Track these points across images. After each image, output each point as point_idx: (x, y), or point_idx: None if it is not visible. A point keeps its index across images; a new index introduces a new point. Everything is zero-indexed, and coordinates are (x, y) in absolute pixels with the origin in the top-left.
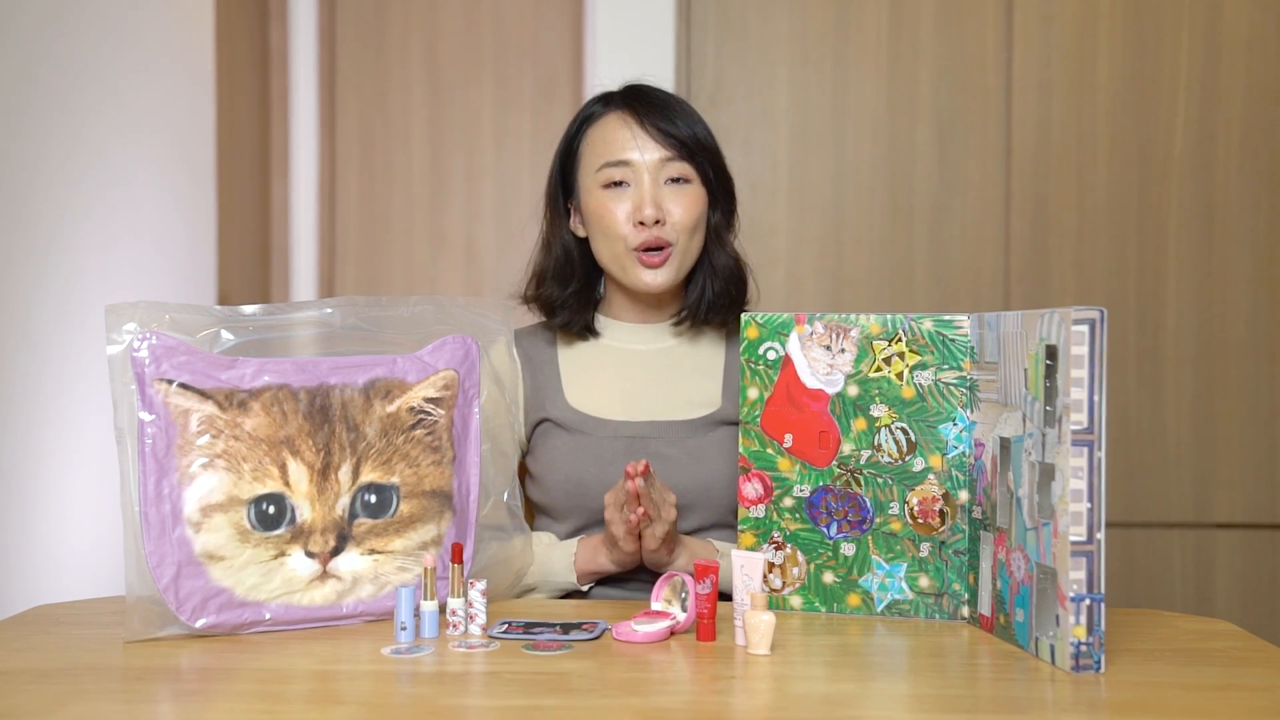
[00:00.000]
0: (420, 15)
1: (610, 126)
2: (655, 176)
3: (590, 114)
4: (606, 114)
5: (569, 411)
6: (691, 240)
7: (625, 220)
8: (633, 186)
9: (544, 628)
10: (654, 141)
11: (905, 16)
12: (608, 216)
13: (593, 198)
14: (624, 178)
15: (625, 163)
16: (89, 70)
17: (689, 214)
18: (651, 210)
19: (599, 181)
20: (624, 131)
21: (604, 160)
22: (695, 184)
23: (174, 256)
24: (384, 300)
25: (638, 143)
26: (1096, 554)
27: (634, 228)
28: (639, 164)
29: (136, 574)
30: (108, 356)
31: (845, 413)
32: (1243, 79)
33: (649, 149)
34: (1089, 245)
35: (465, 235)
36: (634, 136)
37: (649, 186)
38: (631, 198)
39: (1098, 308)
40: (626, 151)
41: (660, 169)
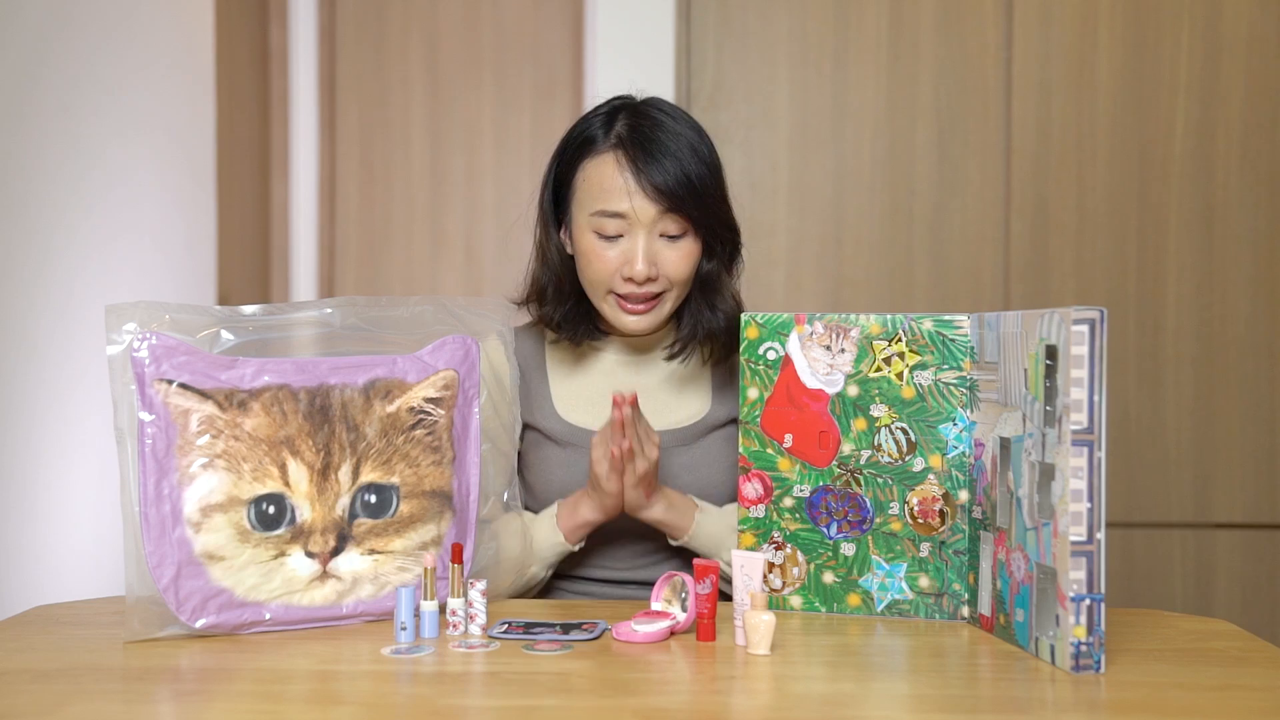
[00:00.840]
0: (420, 15)
1: (606, 171)
2: (650, 231)
3: (589, 141)
4: (604, 153)
5: (558, 423)
6: (682, 289)
7: (613, 271)
8: (626, 239)
9: (544, 628)
10: (646, 196)
11: (905, 16)
12: (596, 263)
13: (585, 238)
14: (618, 230)
15: (619, 215)
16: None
17: (680, 269)
18: (644, 268)
19: (591, 226)
20: (619, 180)
21: (598, 207)
22: (689, 236)
23: (174, 256)
24: (384, 300)
25: (632, 196)
26: (1096, 554)
27: (622, 280)
28: (633, 218)
29: (136, 574)
30: (108, 356)
31: (845, 413)
32: (1243, 79)
33: (644, 204)
34: (1089, 245)
35: (465, 235)
36: (626, 187)
37: (644, 242)
38: (623, 250)
39: (1098, 308)
40: (621, 203)
41: (656, 224)
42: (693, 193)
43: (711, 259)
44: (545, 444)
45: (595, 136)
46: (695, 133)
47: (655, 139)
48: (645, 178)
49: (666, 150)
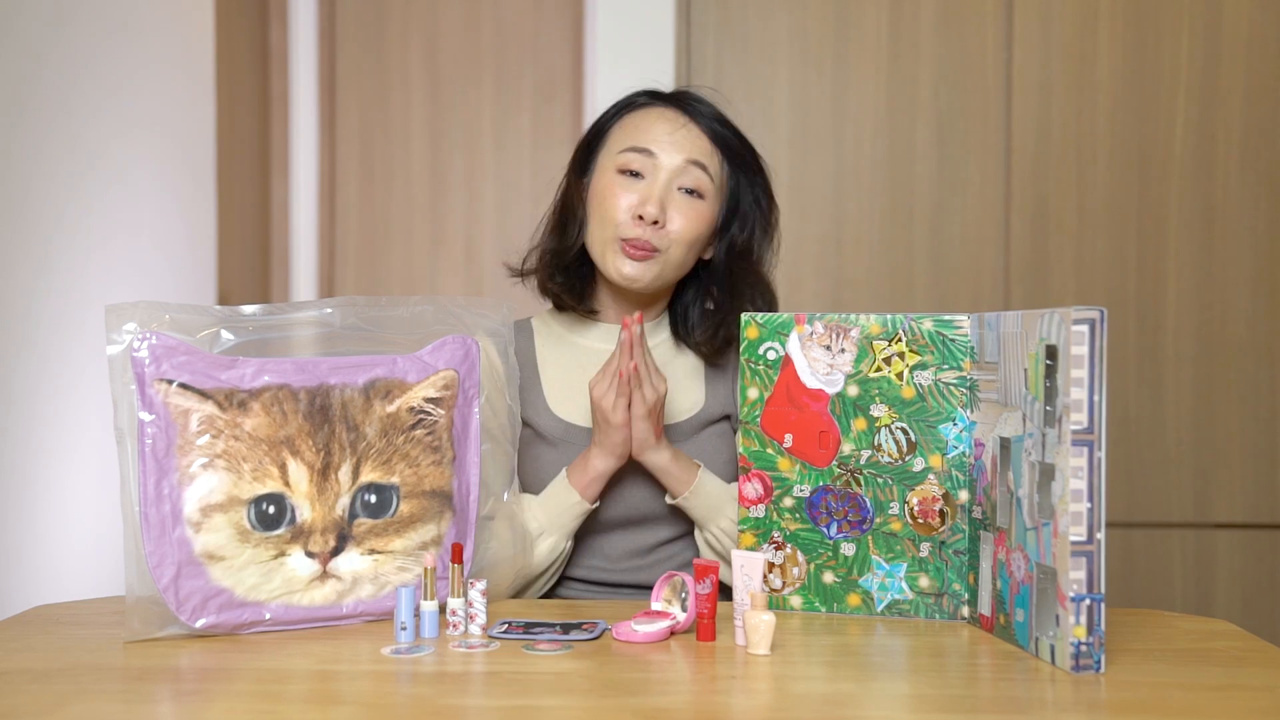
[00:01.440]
0: (420, 15)
1: (649, 117)
2: (671, 179)
3: (633, 102)
4: (649, 107)
5: (552, 420)
6: (684, 253)
7: (625, 210)
8: (646, 180)
9: (544, 628)
10: (690, 138)
11: (905, 16)
12: (610, 201)
13: (605, 177)
14: (641, 168)
15: (649, 153)
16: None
17: (689, 226)
18: (654, 209)
19: (616, 164)
20: (660, 124)
21: (629, 143)
22: (708, 200)
23: (174, 256)
24: (384, 300)
25: (670, 137)
26: (1096, 554)
27: (632, 220)
28: (660, 160)
29: (136, 574)
30: (108, 356)
31: (845, 413)
32: (1243, 79)
33: (678, 147)
34: (1089, 245)
35: (465, 235)
36: (668, 129)
37: (661, 185)
38: (640, 190)
39: (1098, 308)
40: (654, 141)
41: (679, 172)
42: (728, 149)
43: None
44: (538, 442)
45: (641, 99)
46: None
47: (703, 101)
48: (691, 123)
49: (711, 110)
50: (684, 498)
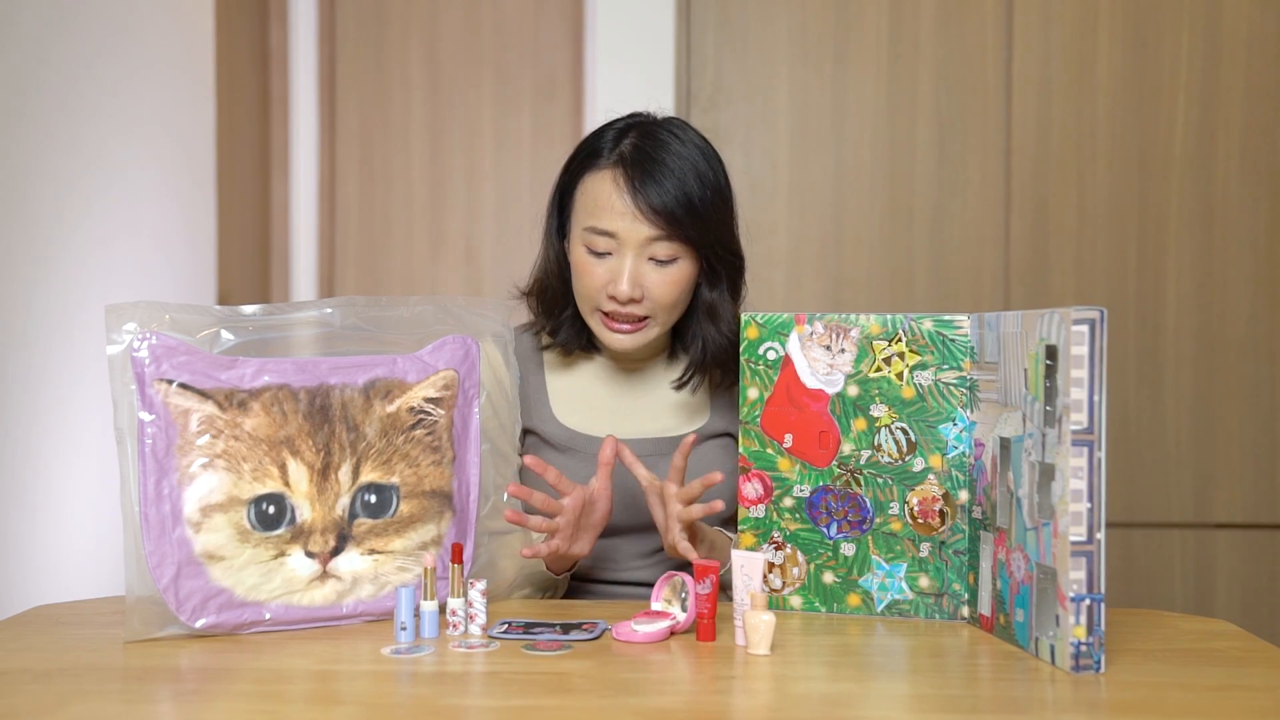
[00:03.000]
0: (420, 15)
1: (603, 188)
2: (639, 253)
3: (594, 155)
4: (604, 169)
5: (558, 428)
6: (671, 314)
7: (600, 288)
8: (614, 258)
9: (544, 628)
10: (640, 216)
11: (905, 16)
12: (585, 278)
13: (576, 251)
14: (608, 248)
15: (609, 234)
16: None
17: (666, 294)
18: (627, 288)
19: (583, 241)
20: (614, 199)
21: (590, 223)
22: (683, 261)
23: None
24: (384, 300)
25: (626, 215)
26: (1096, 554)
27: (607, 298)
28: (623, 238)
29: (136, 574)
30: (108, 356)
31: (845, 413)
32: (1243, 79)
33: (637, 224)
34: (1089, 245)
35: (465, 235)
36: (622, 205)
37: (630, 263)
38: (610, 268)
39: (1098, 308)
40: (611, 222)
41: (645, 247)
42: (691, 214)
43: (715, 286)
44: (543, 449)
45: (601, 150)
46: (703, 157)
47: (657, 159)
48: (641, 198)
49: (667, 171)
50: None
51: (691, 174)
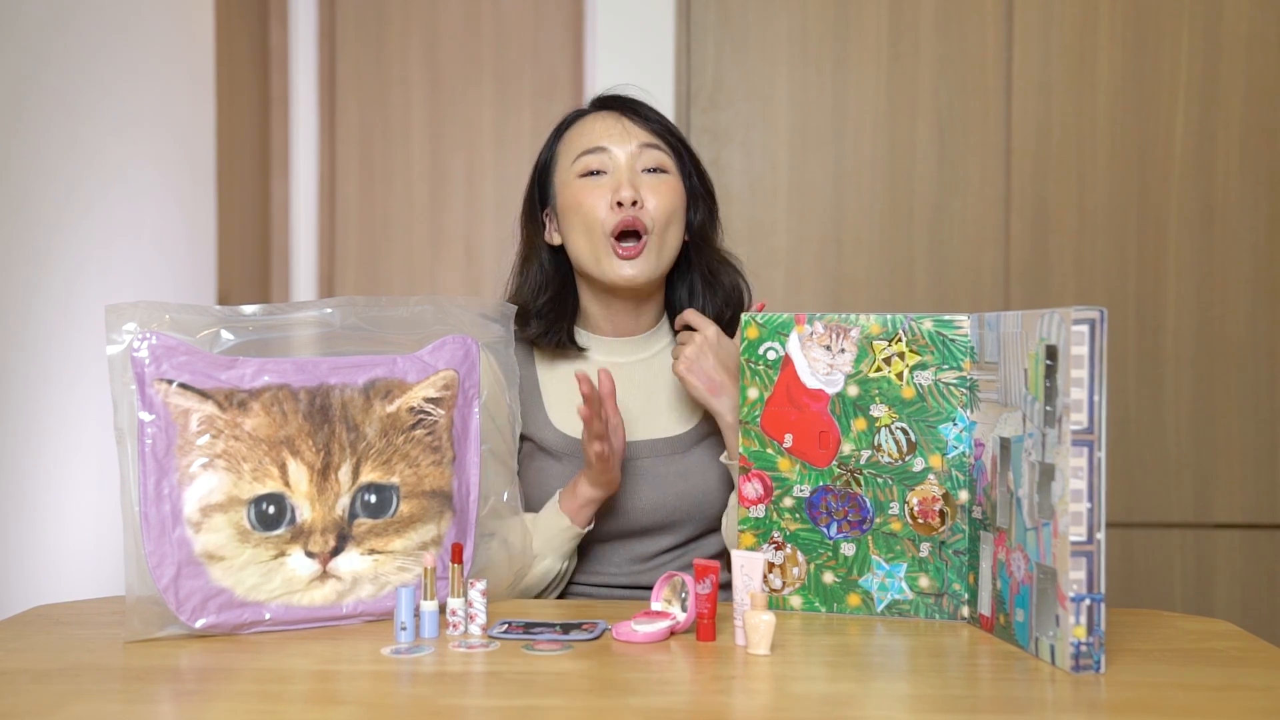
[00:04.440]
0: (420, 15)
1: (588, 122)
2: (632, 164)
3: (566, 121)
4: (585, 115)
5: (554, 434)
6: (668, 232)
7: (602, 205)
8: (610, 174)
9: (544, 628)
10: (633, 128)
11: (905, 16)
12: (584, 203)
13: (569, 189)
14: (601, 165)
15: (603, 149)
16: (89, 70)
17: (665, 202)
18: (629, 191)
19: (575, 172)
20: (602, 123)
21: (581, 149)
22: (672, 175)
23: (174, 256)
24: (384, 300)
25: (617, 130)
26: (1096, 554)
27: (611, 210)
28: (616, 152)
29: (136, 574)
30: (108, 356)
31: (845, 413)
32: (1243, 79)
33: (628, 135)
34: (1089, 245)
35: (465, 235)
36: (613, 125)
37: (626, 171)
38: (609, 184)
39: (1098, 308)
40: (604, 139)
41: (637, 156)
42: (672, 133)
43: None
44: (540, 456)
45: (571, 117)
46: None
47: (635, 99)
48: (626, 116)
49: (644, 105)
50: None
51: (665, 120)
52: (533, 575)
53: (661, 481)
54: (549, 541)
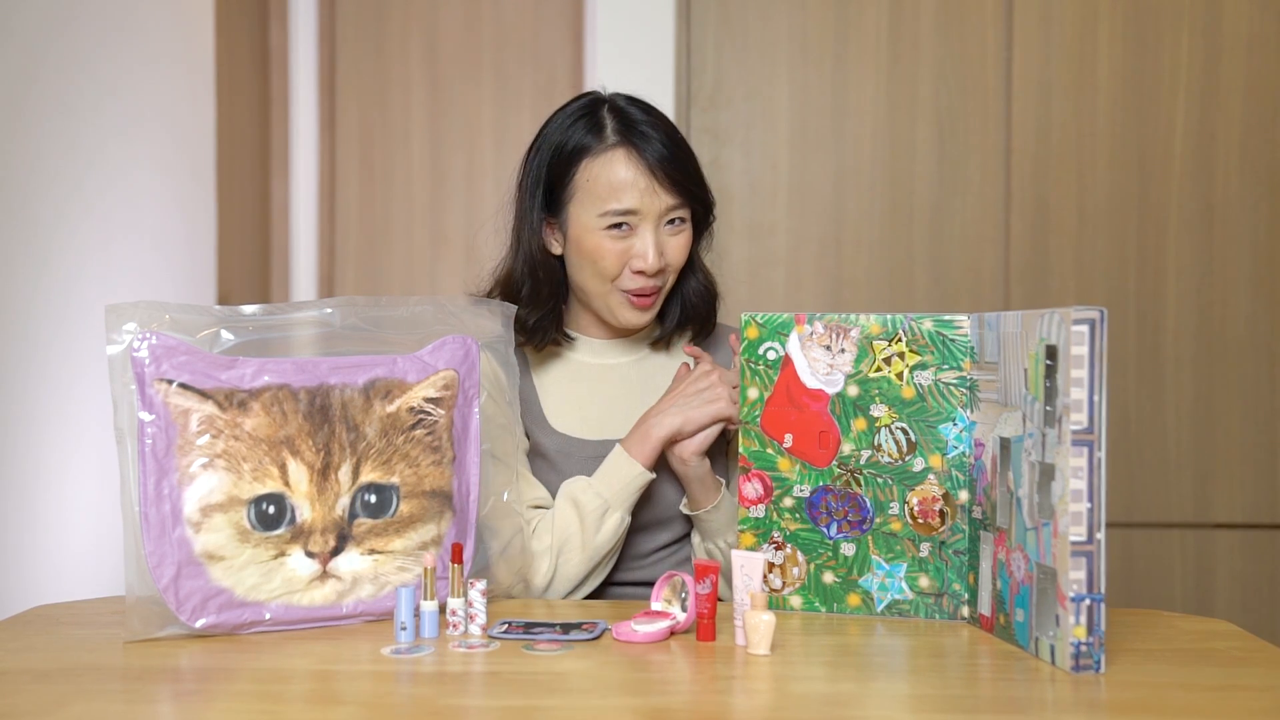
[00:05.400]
0: (420, 15)
1: (617, 168)
2: (659, 223)
3: (584, 145)
4: (608, 150)
5: (552, 435)
6: (676, 274)
7: (622, 265)
8: (636, 233)
9: (544, 628)
10: (663, 192)
11: (905, 16)
12: (606, 259)
13: (591, 237)
14: (628, 223)
15: (634, 211)
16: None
17: (682, 256)
18: (655, 260)
19: (601, 224)
20: (629, 174)
21: (610, 207)
22: (688, 224)
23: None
24: (384, 300)
25: (647, 194)
26: (1096, 554)
27: (631, 274)
28: (645, 212)
29: (136, 574)
30: (108, 356)
31: (845, 413)
32: (1243, 79)
33: (656, 200)
34: (1089, 245)
35: (465, 235)
36: (642, 184)
37: (653, 236)
38: (634, 244)
39: (1098, 308)
40: (635, 200)
41: (663, 215)
42: (692, 173)
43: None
44: (535, 459)
45: (588, 138)
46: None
47: (651, 133)
48: (659, 170)
49: (663, 136)
50: (707, 510)
51: (671, 131)
52: (604, 532)
53: (657, 479)
54: (620, 492)
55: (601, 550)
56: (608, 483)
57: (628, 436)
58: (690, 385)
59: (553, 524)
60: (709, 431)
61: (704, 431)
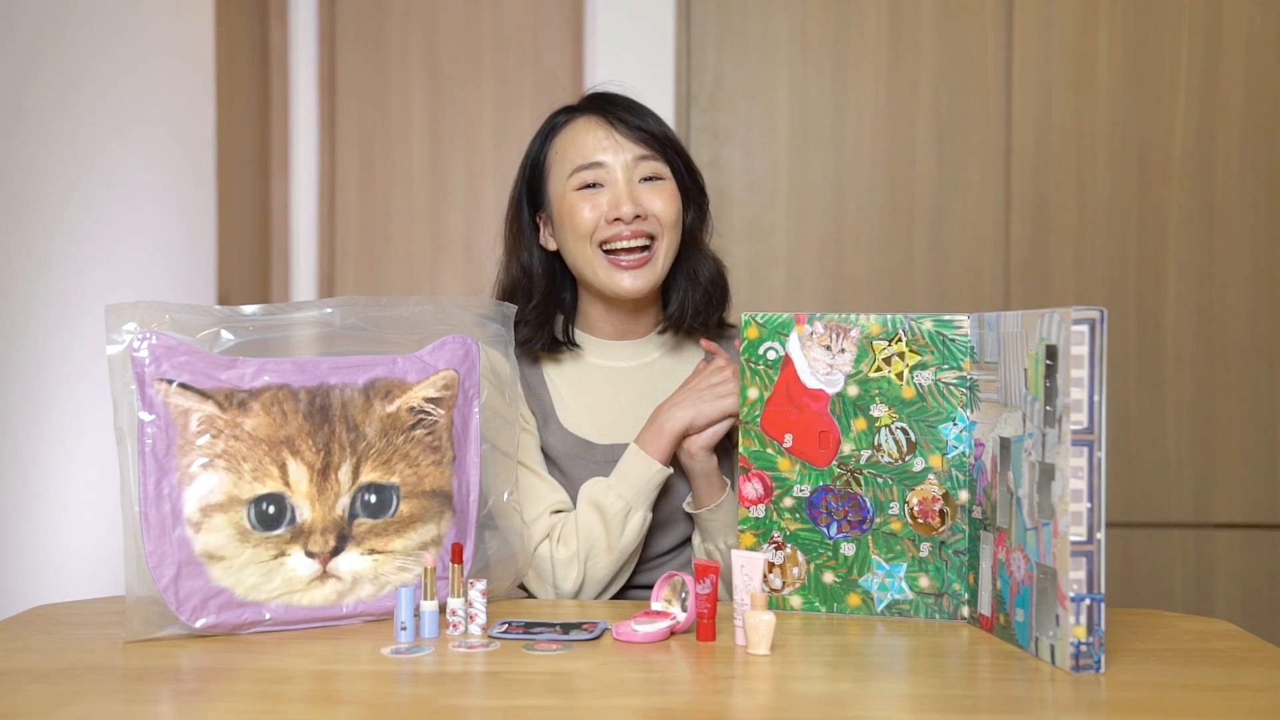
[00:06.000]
0: (420, 15)
1: (579, 130)
2: (630, 175)
3: (555, 123)
4: (573, 120)
5: (564, 437)
6: (672, 238)
7: (599, 219)
8: (607, 187)
9: (544, 628)
10: (627, 140)
11: (905, 16)
12: (579, 216)
13: (566, 200)
14: (597, 179)
15: (599, 164)
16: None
17: (669, 208)
18: (629, 207)
19: (572, 185)
20: (595, 133)
21: (576, 164)
22: (669, 181)
23: (174, 256)
24: (384, 300)
25: (610, 143)
26: (1096, 554)
27: (608, 224)
28: (612, 164)
29: (136, 574)
30: (108, 356)
31: (845, 413)
32: (1243, 79)
33: (622, 148)
34: (1089, 245)
35: (465, 235)
36: (606, 137)
37: (624, 185)
38: (606, 197)
39: (1098, 308)
40: (599, 153)
41: (634, 167)
42: (665, 137)
43: (689, 210)
44: (549, 461)
45: (560, 119)
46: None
47: (625, 100)
48: (620, 125)
49: (634, 106)
50: (709, 509)
51: (652, 113)
52: (629, 532)
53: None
54: (639, 491)
55: (627, 550)
56: (627, 483)
57: (641, 433)
58: (703, 380)
59: (576, 529)
60: (718, 427)
61: (714, 427)
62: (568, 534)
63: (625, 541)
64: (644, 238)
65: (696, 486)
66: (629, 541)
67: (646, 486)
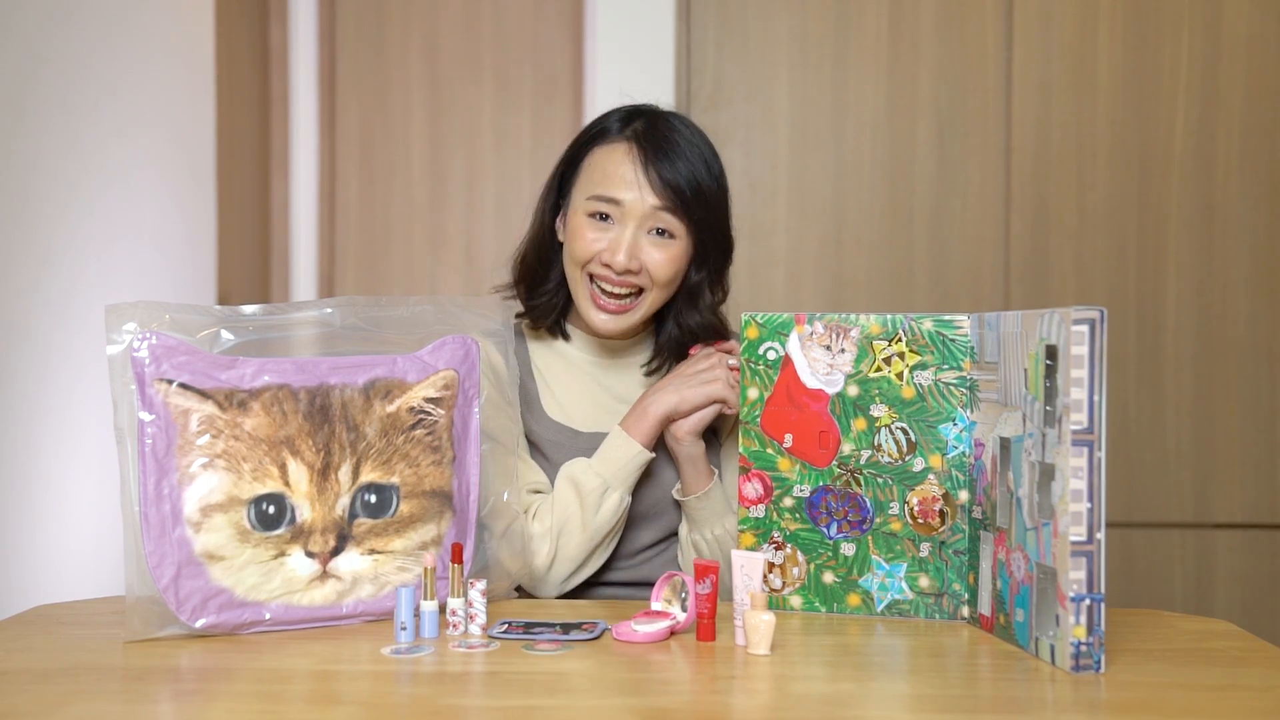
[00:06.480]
0: (420, 15)
1: (614, 157)
2: (641, 224)
3: (604, 132)
4: (617, 142)
5: (549, 426)
6: (661, 294)
7: (595, 252)
8: (615, 225)
9: (544, 628)
10: (652, 188)
11: (905, 16)
12: (580, 241)
13: (577, 217)
14: (610, 213)
15: (617, 201)
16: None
17: (664, 270)
18: (624, 259)
19: (586, 208)
20: (624, 168)
21: (597, 191)
22: (680, 240)
23: (174, 256)
24: (384, 300)
25: (635, 183)
26: (1096, 554)
27: (598, 263)
28: (629, 206)
29: (136, 574)
30: (108, 356)
31: (845, 413)
32: (1243, 79)
33: (645, 194)
34: (1089, 245)
35: (465, 235)
36: (633, 175)
37: (630, 233)
38: (610, 237)
39: (1098, 308)
40: (621, 189)
41: (649, 216)
42: (697, 195)
43: (701, 269)
44: (532, 448)
45: (611, 128)
46: (708, 147)
47: (670, 139)
48: (653, 170)
49: (679, 152)
50: (697, 496)
51: (699, 160)
52: (604, 512)
53: (649, 475)
54: (618, 472)
55: (602, 530)
56: (607, 462)
57: (626, 417)
58: (690, 366)
59: (552, 506)
60: (704, 412)
61: (699, 412)
62: (543, 510)
63: (600, 520)
64: (632, 288)
65: (684, 473)
66: (604, 521)
67: (626, 468)
